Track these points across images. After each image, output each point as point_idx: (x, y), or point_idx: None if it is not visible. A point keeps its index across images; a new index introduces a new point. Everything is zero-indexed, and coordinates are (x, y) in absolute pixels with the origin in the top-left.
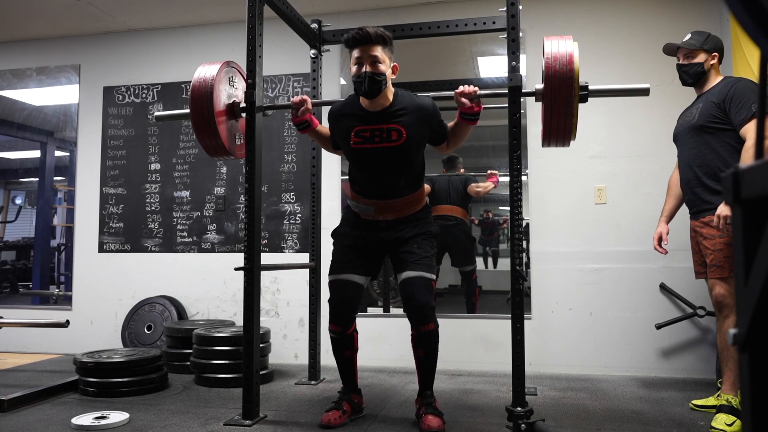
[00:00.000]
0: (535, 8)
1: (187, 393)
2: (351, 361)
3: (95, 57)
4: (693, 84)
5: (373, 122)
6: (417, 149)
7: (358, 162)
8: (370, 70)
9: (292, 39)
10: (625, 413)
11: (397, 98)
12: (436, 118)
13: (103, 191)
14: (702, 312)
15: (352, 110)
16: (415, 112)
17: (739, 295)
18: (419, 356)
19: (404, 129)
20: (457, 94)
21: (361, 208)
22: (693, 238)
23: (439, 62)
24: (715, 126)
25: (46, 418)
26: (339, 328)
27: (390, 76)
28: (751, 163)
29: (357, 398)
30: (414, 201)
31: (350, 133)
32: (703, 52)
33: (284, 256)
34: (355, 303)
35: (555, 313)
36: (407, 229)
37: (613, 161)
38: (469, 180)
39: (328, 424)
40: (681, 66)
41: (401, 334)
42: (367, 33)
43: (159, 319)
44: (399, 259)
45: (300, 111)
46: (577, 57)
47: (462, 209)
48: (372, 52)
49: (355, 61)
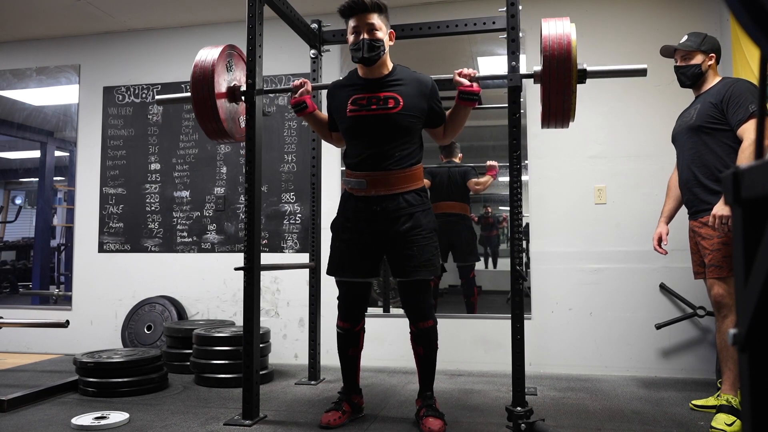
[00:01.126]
0: (535, 8)
1: (187, 393)
2: (354, 360)
3: (95, 57)
4: (691, 85)
5: (371, 90)
6: (413, 121)
7: (353, 130)
8: (367, 38)
9: (292, 39)
10: (625, 413)
11: (396, 69)
12: (434, 94)
13: (103, 191)
14: (702, 312)
15: (349, 81)
16: (413, 84)
17: (739, 295)
18: (419, 354)
19: (401, 97)
20: (456, 74)
21: (353, 183)
22: (692, 238)
23: (439, 62)
24: (712, 127)
25: (46, 418)
26: (348, 324)
27: (388, 43)
28: (751, 163)
29: (357, 398)
30: (408, 178)
31: (347, 102)
32: (701, 54)
33: (284, 256)
34: (365, 300)
35: (555, 313)
36: (404, 218)
37: (613, 161)
38: (469, 173)
39: (328, 425)
40: (678, 68)
41: (401, 334)
42: (362, 1)
43: (159, 319)
44: (398, 261)
45: (299, 92)
46: (574, 38)
47: (463, 204)
48: (368, 19)
49: (351, 30)
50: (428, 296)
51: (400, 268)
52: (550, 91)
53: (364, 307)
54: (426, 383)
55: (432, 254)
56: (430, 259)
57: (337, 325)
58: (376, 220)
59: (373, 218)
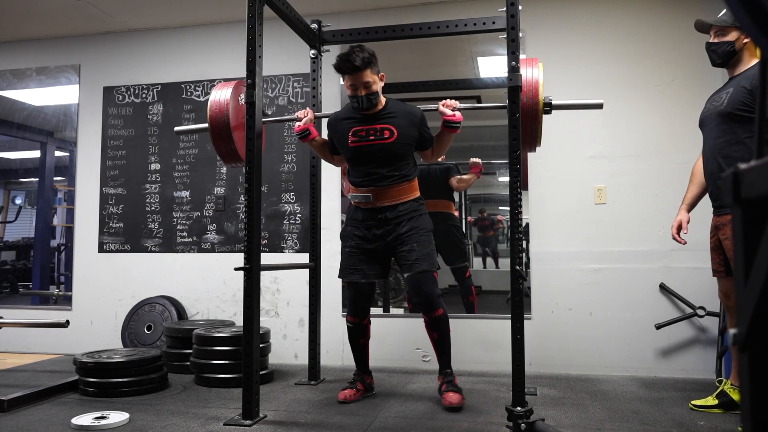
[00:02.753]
0: (535, 8)
1: (187, 393)
2: (364, 347)
3: (95, 57)
4: (722, 64)
5: (368, 122)
6: (407, 148)
7: (356, 158)
8: (364, 93)
9: (292, 39)
10: (625, 413)
11: (388, 104)
12: (423, 123)
13: (103, 191)
14: (702, 312)
15: (348, 114)
16: (405, 116)
17: (739, 295)
18: (434, 338)
19: (395, 128)
20: (440, 105)
21: (359, 198)
22: (713, 234)
23: (439, 62)
24: (744, 114)
25: (46, 418)
26: (356, 319)
27: (380, 86)
28: (751, 163)
29: (369, 379)
30: (405, 190)
31: (348, 134)
32: (736, 30)
33: (284, 256)
34: (369, 298)
35: (555, 313)
36: (404, 222)
37: (613, 161)
38: (451, 171)
39: (345, 400)
40: (710, 44)
41: (401, 334)
42: (353, 64)
43: (159, 319)
44: (402, 258)
45: (303, 120)
46: (542, 80)
47: (446, 201)
48: (363, 78)
49: (348, 85)
50: (434, 287)
51: (404, 263)
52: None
53: (370, 303)
54: (444, 362)
55: (431, 249)
56: (429, 253)
57: (346, 320)
58: (380, 226)
59: (377, 225)
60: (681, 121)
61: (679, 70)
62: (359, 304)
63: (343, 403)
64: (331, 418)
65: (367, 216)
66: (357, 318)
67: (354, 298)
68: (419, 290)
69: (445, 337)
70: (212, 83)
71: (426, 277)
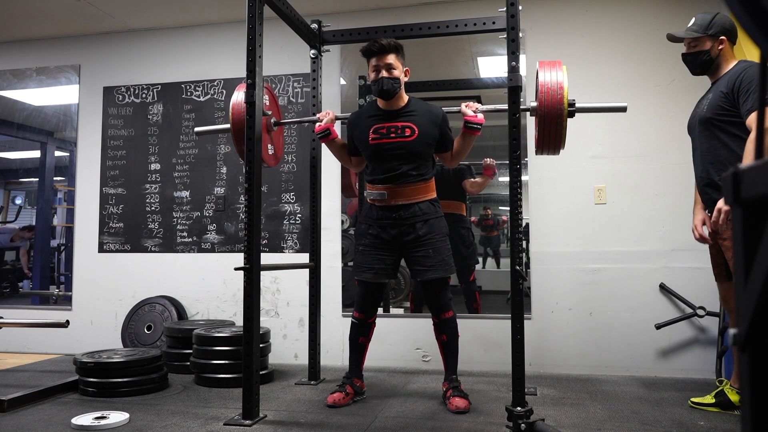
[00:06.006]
0: (535, 8)
1: (187, 393)
2: (363, 347)
3: (95, 57)
4: (702, 73)
5: (389, 120)
6: (427, 147)
7: (375, 155)
8: (386, 75)
9: (292, 39)
10: (625, 413)
11: (410, 102)
12: (445, 123)
13: (103, 191)
14: (702, 312)
15: (370, 112)
16: (426, 115)
17: (739, 295)
18: (443, 340)
19: (416, 127)
20: (463, 106)
21: (375, 195)
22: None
23: (439, 62)
24: (724, 119)
25: (46, 418)
26: (362, 315)
27: (403, 80)
28: (751, 163)
29: (359, 382)
30: (422, 189)
31: (369, 131)
32: (708, 39)
33: (284, 256)
34: (378, 297)
35: (555, 313)
36: (419, 224)
37: (613, 161)
38: (464, 173)
39: (334, 404)
40: (685, 56)
41: (401, 334)
42: (381, 44)
43: (159, 319)
44: (417, 262)
45: (325, 120)
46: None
47: (459, 203)
48: (386, 60)
49: (372, 69)
50: (447, 291)
51: (419, 267)
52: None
53: (378, 302)
54: (451, 367)
55: (446, 255)
56: (445, 259)
57: (352, 316)
58: (394, 225)
59: (392, 223)
60: (681, 121)
61: (679, 70)
62: (368, 302)
63: (332, 407)
64: (331, 418)
65: (382, 214)
66: (363, 315)
67: (363, 296)
68: (432, 295)
69: (454, 341)
70: (212, 83)
71: (439, 283)
